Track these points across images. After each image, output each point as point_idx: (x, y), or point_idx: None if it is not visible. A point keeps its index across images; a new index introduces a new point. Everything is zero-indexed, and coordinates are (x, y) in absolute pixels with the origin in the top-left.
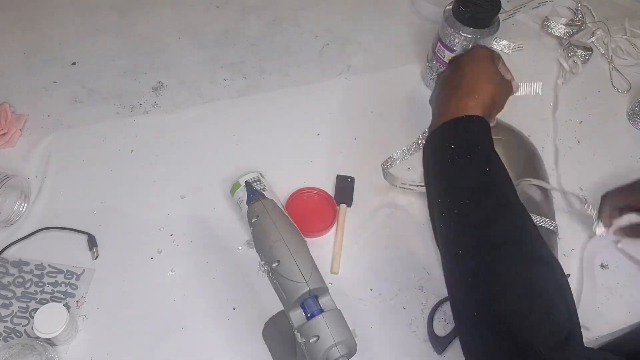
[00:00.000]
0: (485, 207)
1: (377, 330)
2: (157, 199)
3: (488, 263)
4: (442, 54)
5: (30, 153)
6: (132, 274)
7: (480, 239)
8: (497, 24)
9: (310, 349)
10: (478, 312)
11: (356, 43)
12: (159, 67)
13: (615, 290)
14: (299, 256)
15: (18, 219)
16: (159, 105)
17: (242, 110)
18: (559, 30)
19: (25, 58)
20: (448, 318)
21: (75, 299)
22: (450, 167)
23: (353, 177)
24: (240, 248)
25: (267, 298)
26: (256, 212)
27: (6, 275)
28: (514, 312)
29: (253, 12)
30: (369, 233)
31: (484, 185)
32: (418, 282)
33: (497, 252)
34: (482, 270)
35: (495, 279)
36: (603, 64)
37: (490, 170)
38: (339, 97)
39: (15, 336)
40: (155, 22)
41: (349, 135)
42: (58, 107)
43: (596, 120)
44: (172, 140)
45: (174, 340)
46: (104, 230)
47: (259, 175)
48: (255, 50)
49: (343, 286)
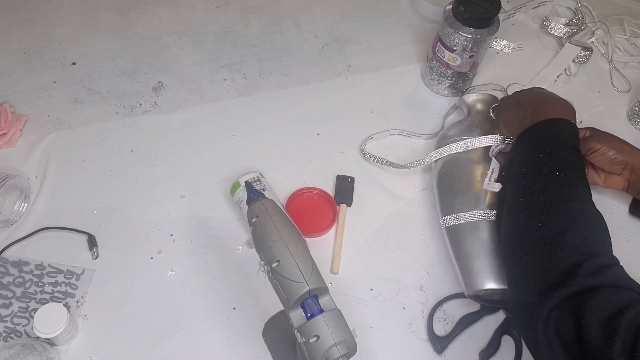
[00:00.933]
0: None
1: (377, 330)
2: (157, 199)
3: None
4: (442, 54)
5: (30, 153)
6: (132, 274)
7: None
8: (497, 24)
9: (310, 349)
10: (539, 233)
11: (356, 43)
12: (159, 67)
13: None
14: (299, 256)
15: (18, 219)
16: (159, 105)
17: (242, 110)
18: (559, 30)
19: (25, 58)
20: (448, 318)
21: (75, 299)
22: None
23: (353, 177)
24: (240, 248)
25: (267, 298)
26: (256, 212)
27: (6, 275)
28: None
29: (253, 12)
30: (369, 233)
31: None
32: (418, 282)
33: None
34: (554, 204)
35: (565, 212)
36: (603, 64)
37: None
38: (339, 97)
39: (15, 336)
40: (155, 22)
41: (349, 135)
42: (58, 107)
43: (596, 120)
44: (172, 140)
45: (174, 340)
46: (104, 230)
47: (259, 175)
48: (255, 50)
49: (343, 286)
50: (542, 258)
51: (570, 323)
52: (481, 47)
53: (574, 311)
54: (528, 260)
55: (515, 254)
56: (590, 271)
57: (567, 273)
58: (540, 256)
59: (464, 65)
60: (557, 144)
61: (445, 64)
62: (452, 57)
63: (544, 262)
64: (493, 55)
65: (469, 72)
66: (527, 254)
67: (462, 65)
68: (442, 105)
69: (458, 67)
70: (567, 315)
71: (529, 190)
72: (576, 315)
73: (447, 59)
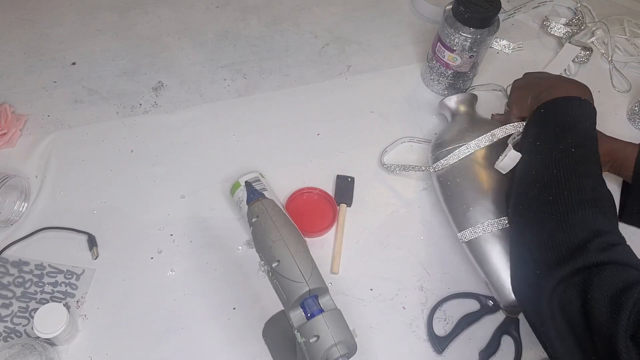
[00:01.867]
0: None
1: (377, 330)
2: (157, 199)
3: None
4: (442, 54)
5: (30, 153)
6: (132, 274)
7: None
8: (497, 24)
9: (310, 349)
10: (550, 207)
11: (356, 43)
12: (159, 67)
13: None
14: (299, 256)
15: (18, 219)
16: (159, 105)
17: (242, 110)
18: (559, 30)
19: (25, 58)
20: (448, 318)
21: (75, 299)
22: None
23: (353, 177)
24: (240, 248)
25: (267, 298)
26: (256, 212)
27: (6, 275)
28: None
29: (253, 12)
30: (369, 233)
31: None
32: (418, 282)
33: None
34: (567, 180)
35: (572, 194)
36: (603, 64)
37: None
38: (339, 97)
39: (15, 336)
40: (155, 22)
41: (349, 135)
42: (58, 107)
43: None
44: (172, 140)
45: (174, 340)
46: (104, 230)
47: (259, 175)
48: (255, 50)
49: (343, 286)
50: (552, 232)
51: (576, 297)
52: (481, 47)
53: (580, 286)
54: (536, 232)
55: (524, 226)
56: (599, 248)
57: (576, 248)
58: (549, 231)
59: (464, 65)
60: (575, 121)
61: (445, 64)
62: (452, 57)
63: (554, 236)
64: (493, 55)
65: (469, 72)
66: (537, 226)
67: (462, 65)
68: None
69: (458, 67)
70: (573, 289)
71: (542, 164)
72: (583, 290)
73: (447, 59)
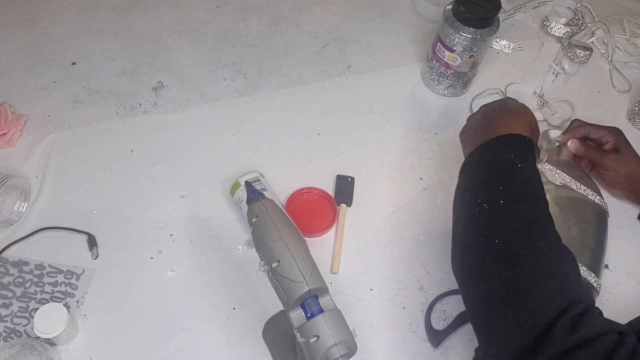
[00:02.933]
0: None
1: (377, 330)
2: (157, 199)
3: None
4: (442, 54)
5: (30, 153)
6: (132, 274)
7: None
8: (497, 24)
9: (310, 349)
10: (507, 285)
11: (356, 43)
12: (159, 67)
13: (615, 290)
14: (299, 256)
15: (18, 219)
16: (159, 105)
17: (242, 110)
18: (559, 30)
19: (25, 58)
20: (448, 318)
21: (75, 299)
22: (491, 181)
23: (353, 177)
24: (240, 248)
25: (267, 298)
26: (256, 212)
27: (6, 275)
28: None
29: (253, 12)
30: (369, 233)
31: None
32: (418, 282)
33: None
34: (520, 248)
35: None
36: (603, 64)
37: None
38: (339, 97)
39: (15, 336)
40: (155, 22)
41: (349, 135)
42: (58, 107)
43: (596, 120)
44: (172, 140)
45: (174, 340)
46: (104, 230)
47: (259, 175)
48: (255, 50)
49: (343, 286)
50: (513, 318)
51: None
52: (481, 47)
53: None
54: (498, 318)
55: (482, 308)
56: (566, 329)
57: (542, 334)
58: (510, 316)
59: (464, 65)
60: (507, 166)
61: (445, 64)
62: (452, 57)
63: (516, 322)
64: (493, 55)
65: (469, 72)
66: (496, 310)
67: (462, 65)
68: (442, 105)
69: (458, 67)
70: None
71: (488, 228)
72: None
73: (447, 59)
